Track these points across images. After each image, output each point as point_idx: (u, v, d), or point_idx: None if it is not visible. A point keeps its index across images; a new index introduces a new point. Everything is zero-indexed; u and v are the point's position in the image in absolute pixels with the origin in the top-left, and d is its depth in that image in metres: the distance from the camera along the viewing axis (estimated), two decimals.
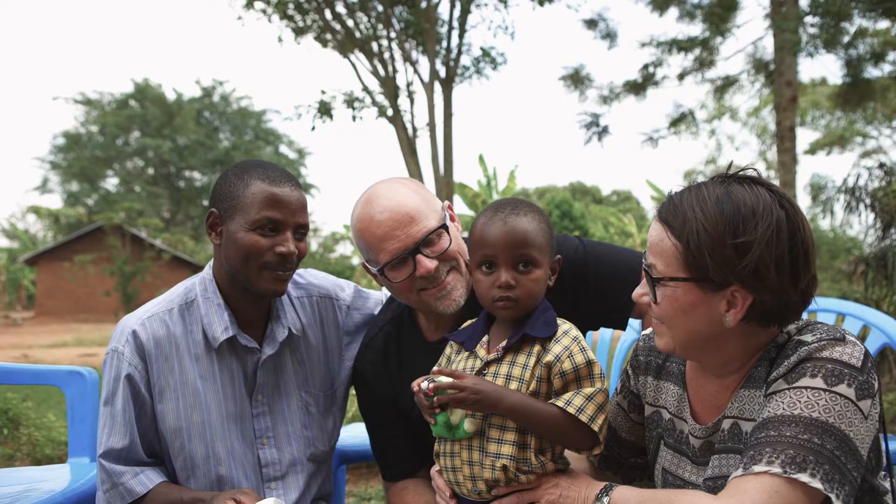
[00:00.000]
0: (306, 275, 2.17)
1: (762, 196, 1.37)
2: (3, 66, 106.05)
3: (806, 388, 1.32)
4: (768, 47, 11.71)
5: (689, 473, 1.55)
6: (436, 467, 1.74)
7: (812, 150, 25.59)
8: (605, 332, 3.39)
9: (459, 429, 1.56)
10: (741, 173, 1.43)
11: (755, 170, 1.44)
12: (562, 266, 1.72)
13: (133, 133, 45.02)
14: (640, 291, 1.52)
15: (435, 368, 1.69)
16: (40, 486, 2.17)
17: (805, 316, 1.42)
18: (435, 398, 1.54)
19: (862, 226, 7.88)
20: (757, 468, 1.28)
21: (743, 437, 1.43)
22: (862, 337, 3.14)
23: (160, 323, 1.91)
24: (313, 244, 37.38)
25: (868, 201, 7.57)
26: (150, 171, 46.24)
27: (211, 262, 2.00)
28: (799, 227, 1.36)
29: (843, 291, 8.22)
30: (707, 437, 1.52)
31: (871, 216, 7.59)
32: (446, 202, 1.99)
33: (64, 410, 2.59)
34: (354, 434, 2.74)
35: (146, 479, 1.84)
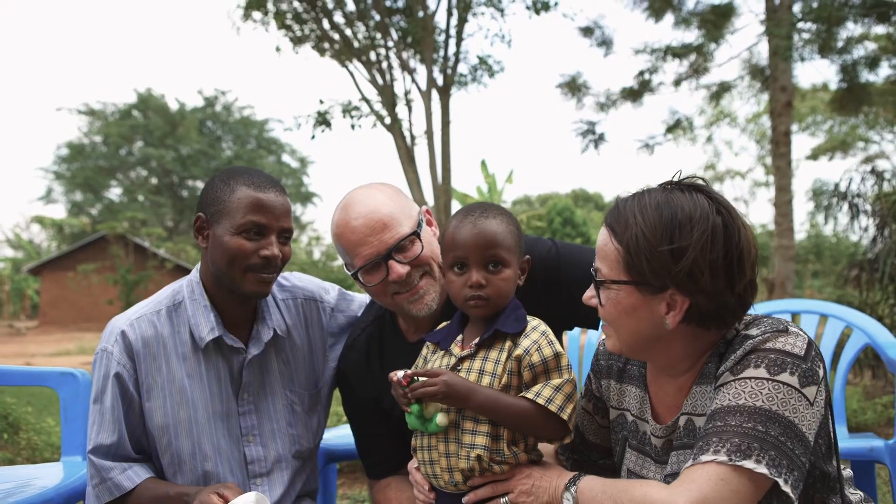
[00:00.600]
0: (291, 278, 2.22)
1: (700, 203, 1.42)
2: (7, 77, 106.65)
3: (750, 378, 1.37)
4: (763, 53, 11.79)
5: (653, 473, 1.60)
6: (413, 462, 1.79)
7: (814, 156, 25.59)
8: (591, 335, 3.45)
9: (432, 422, 1.62)
10: (686, 181, 1.49)
11: (703, 179, 1.50)
12: (532, 267, 1.77)
13: (136, 143, 45.09)
14: (589, 294, 1.59)
15: (410, 371, 1.76)
16: (34, 483, 2.21)
17: (789, 318, 1.47)
18: (408, 389, 1.60)
19: (859, 231, 7.93)
20: (704, 457, 1.33)
21: (697, 432, 1.47)
22: (845, 337, 3.19)
23: (148, 323, 1.96)
24: (316, 253, 37.38)
25: (861, 205, 7.62)
26: (154, 180, 46.32)
27: (198, 265, 2.05)
28: (735, 233, 1.41)
29: (838, 296, 8.25)
30: (667, 436, 1.57)
31: (866, 220, 7.65)
32: (424, 207, 2.05)
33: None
34: (343, 434, 2.79)
35: (134, 475, 1.89)
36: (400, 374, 1.62)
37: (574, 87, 12.37)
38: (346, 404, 2.16)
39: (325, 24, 13.96)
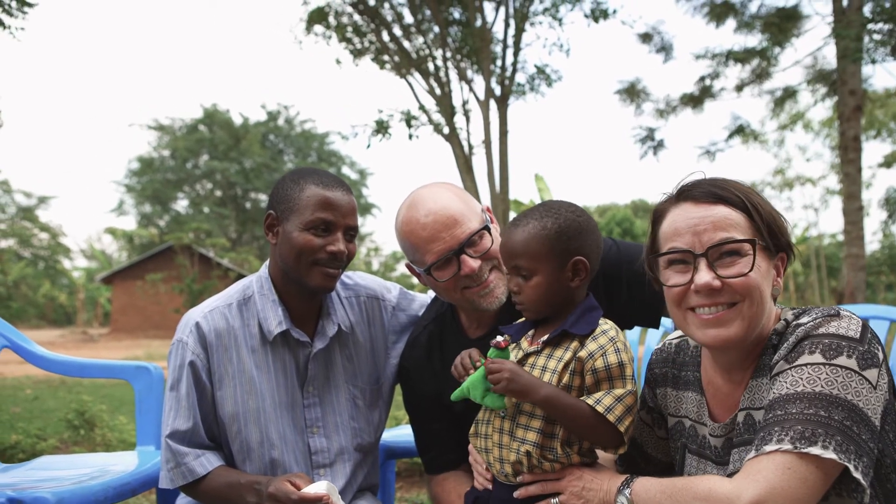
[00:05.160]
0: (354, 276, 2.28)
1: None
2: (84, 96, 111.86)
3: (806, 364, 1.34)
4: (829, 56, 11.43)
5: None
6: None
7: (888, 163, 24.58)
8: (650, 338, 3.41)
9: (495, 398, 1.62)
10: None
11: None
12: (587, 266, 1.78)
13: (202, 156, 46.40)
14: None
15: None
16: (113, 468, 2.35)
17: (854, 322, 1.39)
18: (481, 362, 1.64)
19: None
20: (768, 448, 1.30)
21: (757, 427, 1.44)
22: None
23: (220, 316, 2.04)
24: (375, 263, 37.78)
25: None
26: (218, 193, 47.55)
27: (267, 262, 2.12)
28: None
29: None
30: (726, 434, 1.54)
31: None
32: (485, 205, 2.08)
33: (134, 414, 2.80)
34: (401, 434, 2.84)
35: (206, 462, 1.97)
36: (500, 338, 1.65)
37: (633, 93, 12.24)
38: (406, 400, 2.20)
39: (385, 36, 14.20)
